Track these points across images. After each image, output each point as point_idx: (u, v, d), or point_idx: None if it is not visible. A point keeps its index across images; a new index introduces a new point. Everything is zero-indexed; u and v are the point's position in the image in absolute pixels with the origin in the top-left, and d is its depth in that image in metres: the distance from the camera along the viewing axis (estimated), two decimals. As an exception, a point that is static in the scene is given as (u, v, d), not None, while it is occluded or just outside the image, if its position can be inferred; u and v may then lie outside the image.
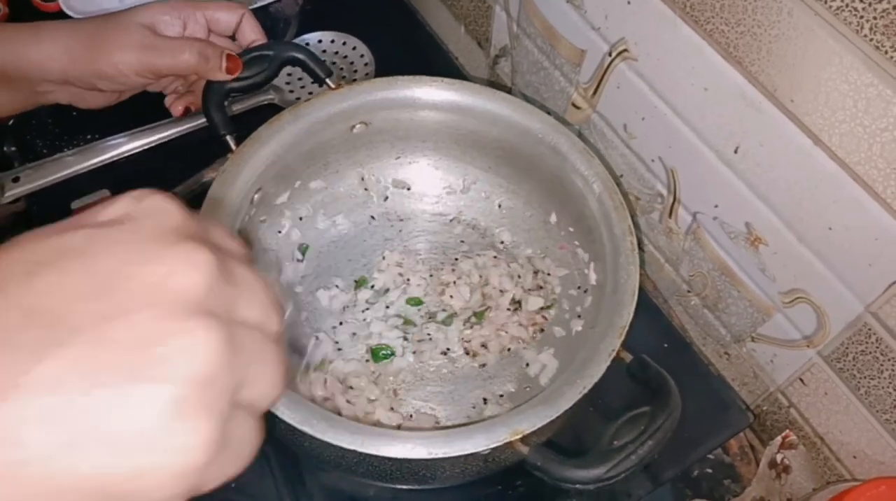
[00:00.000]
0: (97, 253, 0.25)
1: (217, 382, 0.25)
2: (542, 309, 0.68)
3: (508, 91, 0.85)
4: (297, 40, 0.87)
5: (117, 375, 0.23)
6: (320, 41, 0.87)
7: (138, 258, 0.25)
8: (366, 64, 0.86)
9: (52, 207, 0.76)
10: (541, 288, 0.70)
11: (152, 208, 0.27)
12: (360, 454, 0.48)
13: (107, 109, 0.75)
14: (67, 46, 0.66)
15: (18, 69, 0.66)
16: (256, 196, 0.64)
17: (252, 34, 0.72)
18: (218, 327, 0.25)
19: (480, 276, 0.70)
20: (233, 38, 0.74)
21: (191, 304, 0.25)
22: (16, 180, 0.76)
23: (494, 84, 0.89)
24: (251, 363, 0.27)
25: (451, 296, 0.68)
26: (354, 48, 0.87)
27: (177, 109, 0.74)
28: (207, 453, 0.25)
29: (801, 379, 0.64)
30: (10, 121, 0.80)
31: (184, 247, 0.26)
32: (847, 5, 0.45)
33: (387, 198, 0.74)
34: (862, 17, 0.44)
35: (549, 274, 0.70)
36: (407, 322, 0.67)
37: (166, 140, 0.79)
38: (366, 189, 0.74)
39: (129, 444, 0.24)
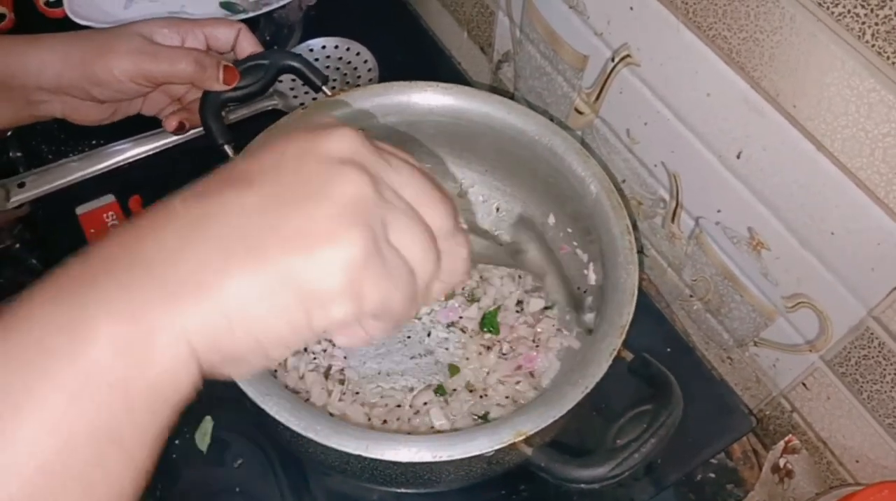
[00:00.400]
0: (286, 157, 0.34)
1: (366, 205, 0.33)
2: (544, 309, 0.68)
3: (511, 96, 0.86)
4: (300, 46, 0.88)
5: (290, 200, 0.33)
6: (324, 47, 0.88)
7: (321, 170, 0.34)
8: (369, 69, 0.86)
9: (57, 212, 0.76)
10: (539, 288, 0.70)
11: (326, 135, 0.35)
12: (365, 458, 0.48)
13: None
14: (63, 52, 0.66)
15: (13, 76, 0.66)
16: None
17: (250, 47, 0.73)
18: (363, 170, 0.33)
19: (481, 277, 0.70)
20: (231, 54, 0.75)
21: (343, 157, 0.34)
22: (21, 185, 0.76)
23: (497, 89, 0.89)
24: (398, 222, 0.34)
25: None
26: (358, 54, 0.87)
27: (171, 124, 0.74)
28: (364, 251, 0.32)
29: (804, 384, 0.64)
30: (9, 133, 0.80)
31: (345, 168, 0.34)
32: (849, 11, 0.45)
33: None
34: (864, 22, 0.44)
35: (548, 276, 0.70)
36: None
37: (171, 145, 0.79)
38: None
39: (304, 240, 0.32)
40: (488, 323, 0.67)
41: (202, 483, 0.63)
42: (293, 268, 0.31)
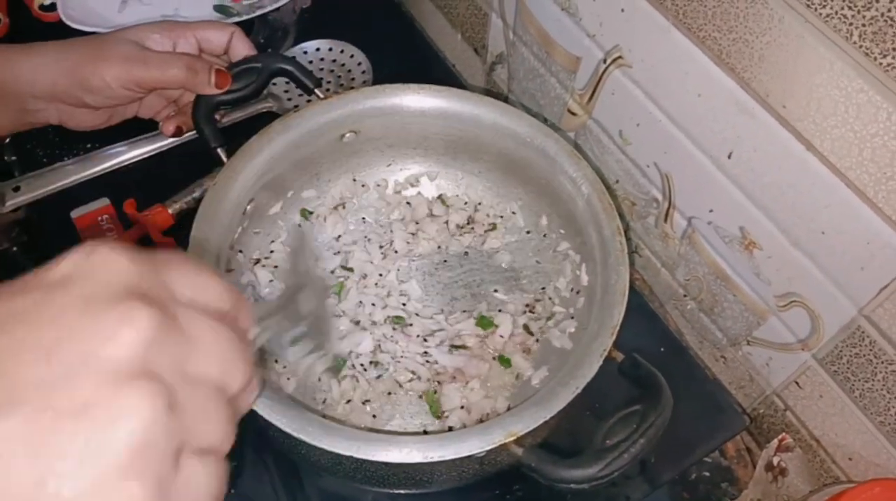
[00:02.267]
0: (42, 320, 0.26)
1: (151, 447, 0.25)
2: (527, 306, 0.69)
3: (505, 98, 0.86)
4: (295, 48, 0.88)
5: (55, 443, 0.24)
6: (318, 49, 0.88)
7: (79, 324, 0.26)
8: (363, 72, 0.87)
9: (52, 216, 0.76)
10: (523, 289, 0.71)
11: (98, 265, 0.27)
12: (357, 459, 0.48)
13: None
14: (56, 60, 0.66)
15: (7, 85, 0.66)
16: (249, 207, 0.64)
17: (243, 50, 0.73)
18: (153, 392, 0.25)
19: (473, 280, 0.71)
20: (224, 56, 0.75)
21: (129, 367, 0.25)
22: (16, 189, 0.76)
23: (491, 91, 0.89)
24: (197, 418, 0.27)
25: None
26: (352, 56, 0.87)
27: (168, 129, 0.74)
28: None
29: (797, 382, 0.64)
30: (7, 140, 0.80)
31: (123, 307, 0.26)
32: (837, 13, 0.45)
33: (378, 204, 0.75)
34: (851, 24, 0.45)
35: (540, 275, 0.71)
36: (398, 319, 0.68)
37: (166, 148, 0.80)
38: (356, 197, 0.74)
39: None
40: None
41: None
42: None
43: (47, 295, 0.26)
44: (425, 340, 0.66)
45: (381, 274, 0.70)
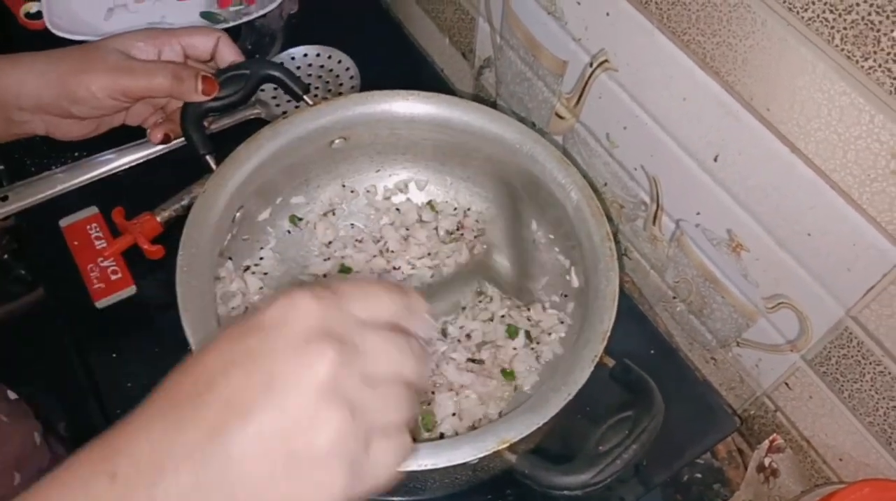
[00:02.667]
0: (265, 358, 0.35)
1: (344, 443, 0.35)
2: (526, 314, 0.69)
3: (493, 102, 0.86)
4: (282, 54, 0.88)
5: (280, 446, 0.34)
6: (306, 55, 0.88)
7: (289, 360, 0.35)
8: (351, 77, 0.86)
9: (41, 225, 0.76)
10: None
11: (298, 311, 0.36)
12: (348, 466, 0.48)
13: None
14: (42, 71, 0.66)
15: None
16: (238, 214, 0.64)
17: (230, 55, 0.73)
18: (340, 406, 0.35)
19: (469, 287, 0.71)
20: (211, 62, 0.74)
21: (323, 388, 0.35)
22: (4, 199, 0.75)
23: (479, 96, 0.90)
24: (380, 407, 0.37)
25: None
26: (340, 61, 0.87)
27: (156, 136, 0.73)
28: (343, 489, 0.35)
29: (787, 384, 0.64)
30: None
31: (316, 347, 0.35)
32: (818, 16, 0.45)
33: (368, 209, 0.75)
34: (833, 27, 0.45)
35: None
36: None
37: (154, 156, 0.79)
38: (345, 202, 0.74)
39: (288, 485, 0.34)
40: None
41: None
42: None
43: (265, 338, 0.36)
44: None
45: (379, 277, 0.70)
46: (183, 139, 0.78)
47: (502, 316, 0.68)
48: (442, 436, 0.60)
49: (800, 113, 0.50)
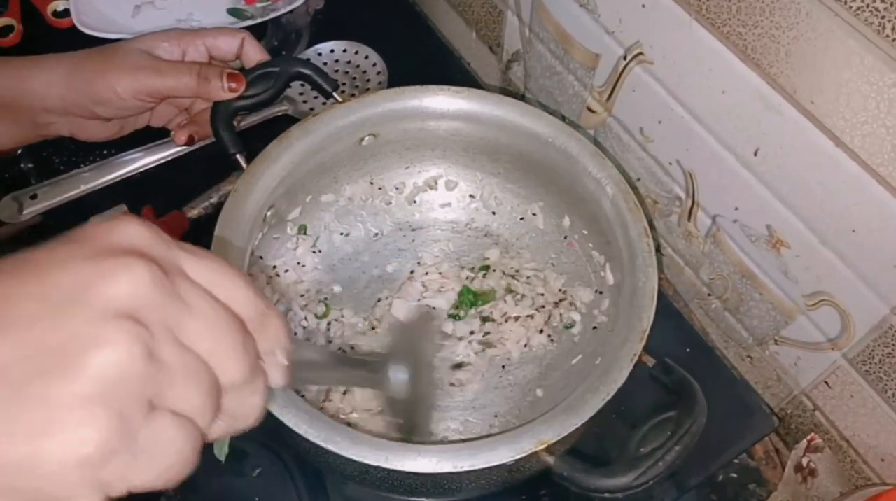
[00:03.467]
0: (52, 265, 0.28)
1: (121, 384, 0.26)
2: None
3: (522, 96, 0.85)
4: (309, 50, 0.87)
5: (32, 368, 0.26)
6: (332, 51, 0.87)
7: (81, 267, 0.28)
8: (378, 72, 0.86)
9: (70, 223, 0.76)
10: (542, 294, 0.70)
11: (115, 227, 0.29)
12: (385, 469, 0.48)
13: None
14: (67, 73, 0.66)
15: (20, 99, 0.66)
16: (269, 213, 0.64)
17: (256, 55, 0.72)
18: (132, 334, 0.27)
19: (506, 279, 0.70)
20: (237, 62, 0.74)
21: (116, 309, 0.27)
22: (34, 197, 0.76)
23: (507, 90, 0.89)
24: (177, 379, 0.28)
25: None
26: (367, 57, 0.87)
27: (180, 138, 0.73)
28: (102, 444, 0.26)
29: (826, 382, 0.63)
30: (19, 151, 0.80)
31: (123, 260, 0.28)
32: (868, 5, 0.44)
33: (398, 207, 0.74)
34: (883, 17, 0.43)
35: (562, 276, 0.70)
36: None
37: (182, 154, 0.79)
38: (375, 200, 0.74)
39: (30, 428, 0.26)
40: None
41: (220, 494, 0.63)
42: (8, 461, 0.26)
43: (61, 246, 0.28)
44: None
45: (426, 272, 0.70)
46: (211, 137, 0.78)
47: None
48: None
49: (846, 106, 0.48)
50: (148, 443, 0.28)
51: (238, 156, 0.65)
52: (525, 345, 0.67)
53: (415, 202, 0.74)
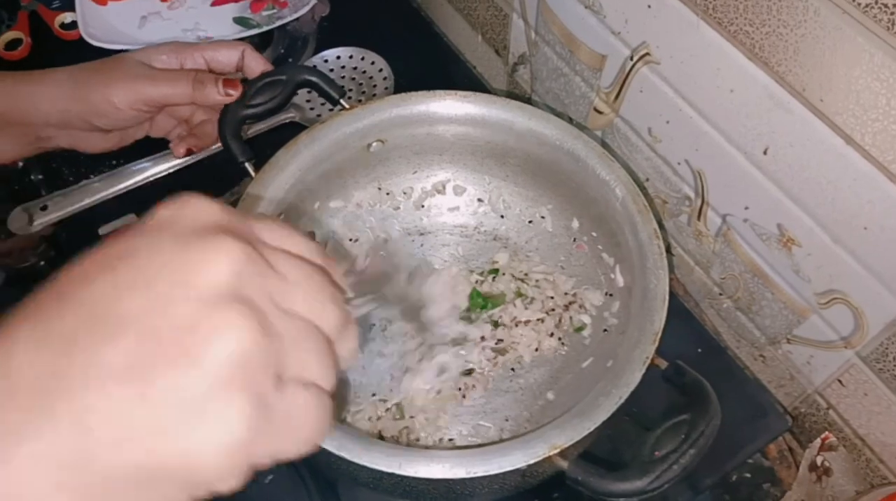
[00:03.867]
0: (140, 258, 0.28)
1: (249, 364, 0.27)
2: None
3: (528, 99, 0.85)
4: (315, 57, 0.87)
5: (160, 363, 0.26)
6: (339, 57, 0.87)
7: (174, 257, 0.28)
8: (384, 78, 0.86)
9: (79, 234, 0.76)
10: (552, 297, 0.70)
11: (190, 209, 0.30)
12: (398, 476, 0.48)
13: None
14: (67, 87, 0.66)
15: (21, 114, 0.66)
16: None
17: (258, 66, 0.72)
18: (246, 314, 0.27)
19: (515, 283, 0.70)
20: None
21: (222, 291, 0.27)
22: (44, 208, 0.76)
23: (513, 93, 0.88)
24: (293, 347, 0.29)
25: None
26: (373, 63, 0.87)
27: (178, 151, 0.73)
28: (248, 426, 0.27)
29: (840, 381, 0.62)
30: (20, 164, 0.80)
31: (214, 240, 0.28)
32: (876, 2, 0.44)
33: (406, 212, 0.74)
34: (892, 13, 0.43)
35: (572, 278, 0.70)
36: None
37: (192, 162, 0.79)
38: (384, 205, 0.74)
39: (175, 425, 0.26)
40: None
41: (232, 500, 0.62)
42: (164, 460, 0.26)
43: (144, 237, 0.29)
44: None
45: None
46: (219, 145, 0.78)
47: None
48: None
49: (856, 103, 0.48)
50: (285, 415, 0.28)
51: (247, 164, 0.65)
52: (536, 350, 0.67)
53: (423, 207, 0.74)
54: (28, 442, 0.25)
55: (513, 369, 0.66)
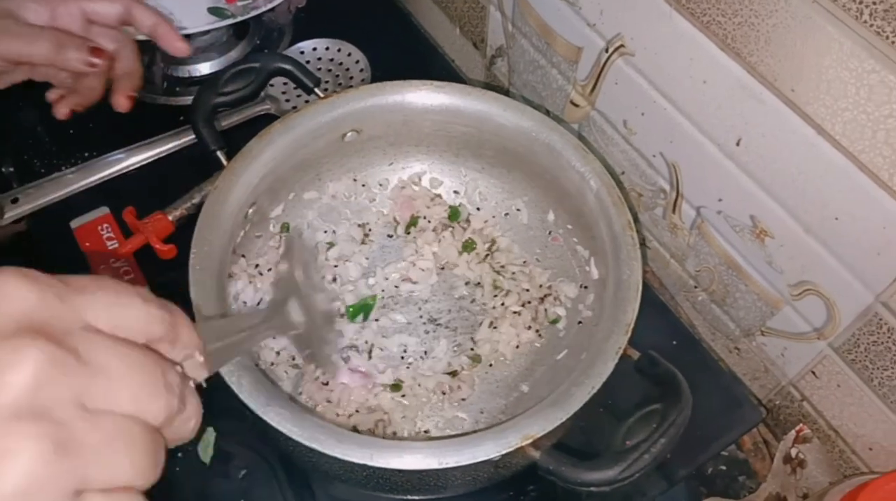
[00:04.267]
0: None
1: (41, 490, 0.24)
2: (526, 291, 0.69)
3: (506, 91, 0.85)
4: (291, 49, 0.87)
5: None
6: (315, 49, 0.87)
7: None
8: (361, 69, 0.85)
9: (52, 226, 0.76)
10: (528, 289, 0.70)
11: (1, 295, 0.26)
12: (370, 467, 0.47)
13: (104, 125, 0.72)
14: None
15: None
16: (251, 211, 0.63)
17: (148, 20, 0.66)
18: (41, 435, 0.25)
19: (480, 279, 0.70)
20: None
21: (20, 406, 0.25)
22: (15, 201, 0.75)
23: (491, 85, 0.88)
24: (101, 454, 0.26)
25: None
26: (349, 54, 0.86)
27: (61, 112, 0.67)
28: None
29: (813, 372, 0.63)
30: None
31: (14, 347, 0.25)
32: (845, -8, 0.44)
33: (381, 204, 0.74)
34: (861, 2, 0.43)
35: (547, 271, 0.70)
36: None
37: (164, 155, 0.79)
38: (359, 197, 0.73)
39: None
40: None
41: (206, 496, 0.62)
42: None
43: None
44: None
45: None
46: (192, 137, 0.77)
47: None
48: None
49: (826, 93, 0.48)
50: None
51: (218, 153, 0.64)
52: (517, 347, 0.67)
53: (397, 198, 0.74)
54: None
55: (490, 364, 0.66)
